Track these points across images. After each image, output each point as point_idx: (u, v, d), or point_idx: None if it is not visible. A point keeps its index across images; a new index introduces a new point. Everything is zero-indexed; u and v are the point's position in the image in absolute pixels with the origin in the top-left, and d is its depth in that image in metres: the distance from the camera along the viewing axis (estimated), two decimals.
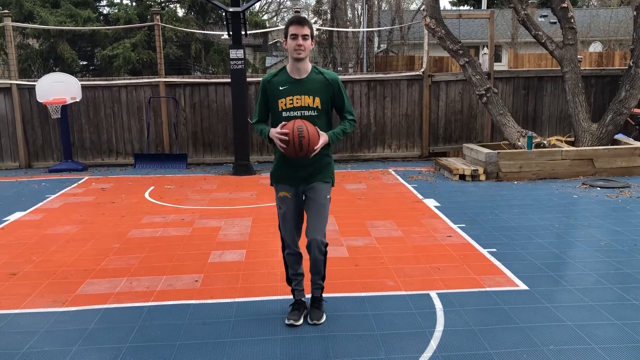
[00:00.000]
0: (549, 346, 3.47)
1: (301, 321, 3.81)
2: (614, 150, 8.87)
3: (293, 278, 3.92)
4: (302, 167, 3.67)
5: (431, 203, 7.26)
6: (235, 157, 9.80)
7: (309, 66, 3.68)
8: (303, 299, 3.93)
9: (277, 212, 3.86)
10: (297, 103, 3.60)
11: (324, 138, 3.56)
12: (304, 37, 3.53)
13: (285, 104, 3.60)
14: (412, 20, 21.49)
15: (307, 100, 3.60)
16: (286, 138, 3.45)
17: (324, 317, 3.87)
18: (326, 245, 3.77)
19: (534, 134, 9.29)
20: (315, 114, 3.62)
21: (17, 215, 7.01)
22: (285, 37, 3.60)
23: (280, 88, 3.63)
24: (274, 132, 3.51)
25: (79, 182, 9.18)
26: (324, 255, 3.78)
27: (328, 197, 3.79)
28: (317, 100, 3.61)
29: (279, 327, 3.78)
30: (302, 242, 3.82)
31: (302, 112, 3.60)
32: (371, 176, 9.31)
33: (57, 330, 3.83)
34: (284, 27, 3.72)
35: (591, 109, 10.26)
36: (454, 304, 4.11)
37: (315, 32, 3.74)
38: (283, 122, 3.53)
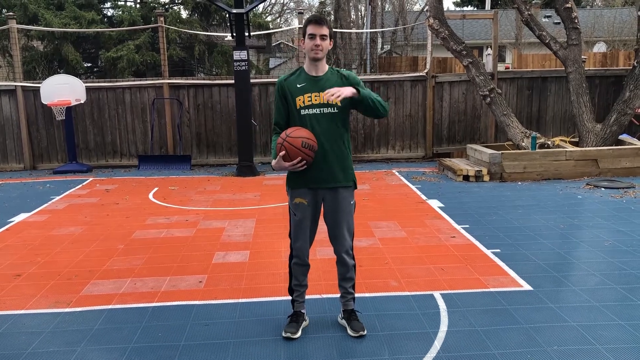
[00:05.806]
0: (553, 347, 3.46)
1: (299, 334, 3.67)
2: (618, 151, 8.85)
3: (296, 289, 3.74)
4: (322, 165, 3.49)
5: (435, 204, 7.25)
6: (239, 158, 9.81)
7: (325, 66, 3.57)
8: (302, 310, 3.80)
9: (290, 219, 3.66)
10: (315, 100, 3.44)
11: (348, 90, 3.33)
12: (322, 37, 3.41)
13: (304, 102, 3.44)
14: (415, 21, 21.48)
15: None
16: (302, 164, 3.36)
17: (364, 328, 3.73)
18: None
19: (538, 135, 9.27)
20: (336, 111, 3.47)
21: (22, 217, 7.04)
22: (303, 36, 3.47)
23: (298, 85, 3.48)
24: (287, 166, 3.38)
25: (84, 184, 9.21)
26: (354, 259, 3.72)
27: (352, 202, 3.65)
28: None
29: (283, 328, 3.78)
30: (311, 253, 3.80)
31: (322, 109, 3.45)
32: (375, 177, 9.30)
33: (61, 331, 3.84)
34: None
35: (595, 110, 10.24)
36: (458, 304, 4.10)
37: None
38: (282, 154, 3.35)
